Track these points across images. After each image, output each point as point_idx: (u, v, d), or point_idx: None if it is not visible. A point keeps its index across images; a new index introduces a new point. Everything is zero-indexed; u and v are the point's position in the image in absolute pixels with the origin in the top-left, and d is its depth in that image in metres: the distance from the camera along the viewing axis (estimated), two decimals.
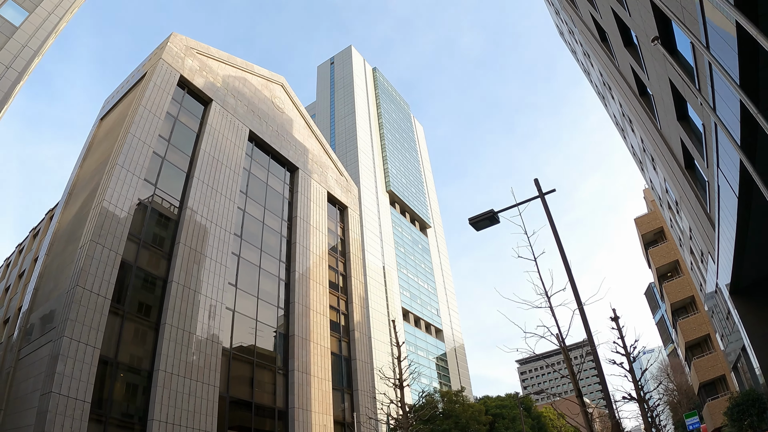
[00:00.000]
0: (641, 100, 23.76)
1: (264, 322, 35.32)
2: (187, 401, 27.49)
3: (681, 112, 17.24)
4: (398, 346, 25.60)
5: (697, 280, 35.94)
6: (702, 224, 22.19)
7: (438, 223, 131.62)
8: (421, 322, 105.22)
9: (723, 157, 12.91)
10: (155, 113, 32.58)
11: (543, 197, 13.49)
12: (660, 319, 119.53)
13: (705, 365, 44.09)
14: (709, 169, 16.02)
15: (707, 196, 18.68)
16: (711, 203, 18.17)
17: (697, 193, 20.47)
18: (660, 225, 48.46)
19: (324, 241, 44.31)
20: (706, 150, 15.33)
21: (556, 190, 13.67)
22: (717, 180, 14.75)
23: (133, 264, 28.58)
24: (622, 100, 28.98)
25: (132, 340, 27.42)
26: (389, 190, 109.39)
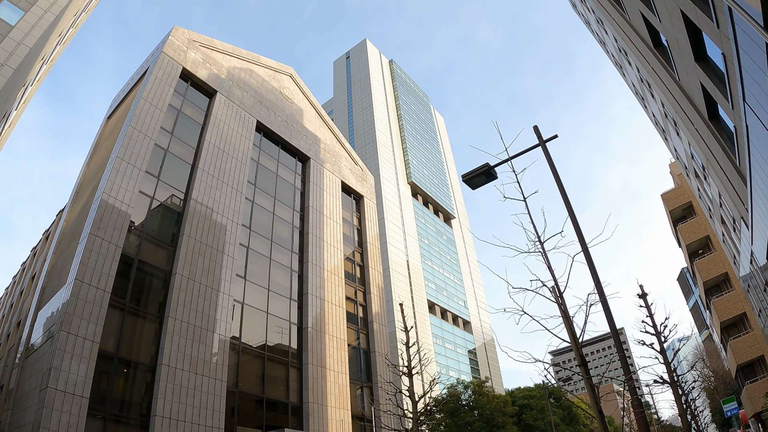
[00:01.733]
0: (656, 53, 22.06)
1: (276, 315, 34.16)
2: (192, 396, 26.54)
3: (698, 51, 15.59)
4: (406, 331, 24.23)
5: (729, 254, 33.79)
6: (732, 183, 20.38)
7: (462, 214, 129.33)
8: (447, 315, 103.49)
9: (748, 85, 11.32)
10: (156, 105, 31.85)
11: (544, 145, 11.99)
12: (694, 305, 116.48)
13: (742, 346, 41.70)
14: (734, 110, 14.40)
15: (735, 148, 16.97)
16: (740, 153, 16.45)
17: (725, 146, 18.71)
18: (688, 200, 46.14)
19: (338, 231, 43.06)
20: (729, 85, 13.68)
21: (558, 136, 12.15)
22: (744, 119, 13.10)
23: (135, 257, 27.74)
24: (638, 62, 27.36)
25: (134, 334, 26.60)
26: (411, 181, 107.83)
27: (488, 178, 12.13)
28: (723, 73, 13.98)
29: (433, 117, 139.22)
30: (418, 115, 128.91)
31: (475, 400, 42.91)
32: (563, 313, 9.12)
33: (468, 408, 42.60)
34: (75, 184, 35.26)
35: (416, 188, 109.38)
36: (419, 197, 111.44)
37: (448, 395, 44.11)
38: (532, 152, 10.97)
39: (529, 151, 12.07)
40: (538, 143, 11.95)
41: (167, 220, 30.64)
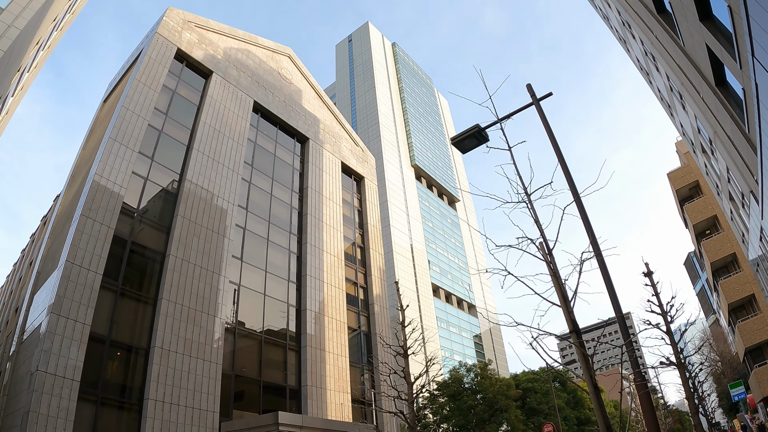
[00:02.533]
0: (660, 19, 21.19)
1: (273, 297, 33.61)
2: (186, 379, 26.08)
3: (703, 9, 14.78)
4: (402, 309, 23.59)
5: (738, 233, 32.91)
6: (741, 154, 19.54)
7: (467, 197, 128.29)
8: (452, 298, 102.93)
9: (757, 37, 10.53)
10: (150, 86, 31.24)
11: (538, 103, 11.24)
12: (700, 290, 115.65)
13: (750, 328, 40.88)
14: (743, 69, 13.58)
15: (744, 114, 16.14)
16: (749, 119, 15.61)
17: (732, 113, 17.85)
18: (695, 178, 45.15)
19: (338, 212, 42.37)
20: (736, 42, 12.87)
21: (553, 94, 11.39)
22: (754, 77, 12.30)
23: (128, 238, 27.22)
24: (642, 33, 26.49)
25: (126, 316, 26.14)
26: (414, 164, 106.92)
27: (479, 140, 11.43)
28: (729, 31, 13.22)
29: (437, 100, 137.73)
30: (421, 98, 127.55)
31: (478, 383, 42.35)
32: (552, 272, 8.38)
33: (471, 391, 42.01)
34: (71, 168, 34.86)
35: (420, 171, 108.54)
36: (423, 180, 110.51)
37: (450, 378, 43.55)
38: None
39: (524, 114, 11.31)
40: (532, 102, 11.22)
41: (161, 201, 30.12)
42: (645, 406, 8.28)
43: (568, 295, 8.36)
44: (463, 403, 40.95)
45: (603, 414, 7.74)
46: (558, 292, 8.41)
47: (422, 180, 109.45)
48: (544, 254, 8.55)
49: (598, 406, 7.86)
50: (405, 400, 20.94)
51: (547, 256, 8.52)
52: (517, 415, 42.71)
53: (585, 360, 8.05)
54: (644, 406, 8.29)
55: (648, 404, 8.21)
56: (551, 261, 8.52)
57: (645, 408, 8.31)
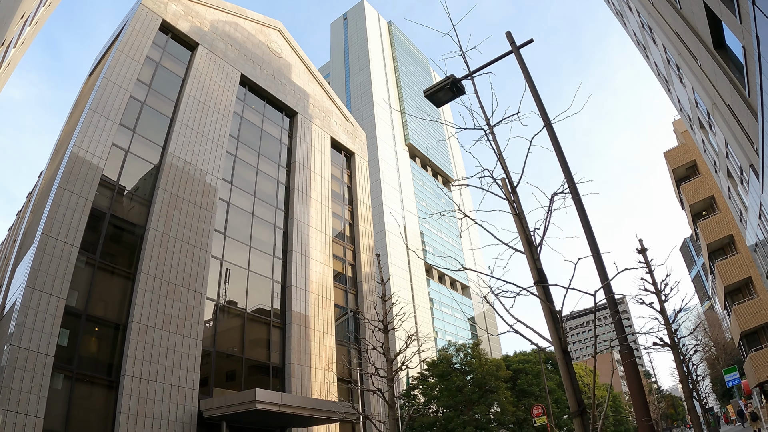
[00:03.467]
0: None
1: (257, 272, 32.77)
2: (164, 356, 25.32)
3: None
4: (383, 283, 22.80)
5: (736, 212, 32.12)
6: (741, 122, 18.68)
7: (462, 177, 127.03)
8: (445, 278, 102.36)
9: None
10: (133, 58, 30.21)
11: (518, 51, 10.30)
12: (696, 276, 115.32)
13: (746, 312, 40.23)
14: (743, 24, 12.68)
15: (745, 77, 15.24)
16: (750, 81, 14.72)
17: (732, 77, 16.95)
18: (692, 158, 44.23)
19: (327, 187, 41.41)
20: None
21: (534, 40, 10.47)
22: (755, 29, 11.38)
23: (107, 211, 26.32)
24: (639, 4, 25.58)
25: (104, 290, 25.30)
26: (408, 143, 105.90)
27: (454, 93, 10.55)
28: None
29: (433, 79, 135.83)
30: (417, 77, 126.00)
31: (467, 364, 41.62)
32: (515, 212, 7.43)
33: (460, 372, 41.29)
34: (54, 143, 34.05)
35: (414, 150, 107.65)
36: (417, 159, 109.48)
37: (440, 358, 42.86)
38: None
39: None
40: (511, 50, 10.29)
41: (142, 174, 29.22)
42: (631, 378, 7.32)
43: (533, 239, 7.41)
44: (451, 383, 40.30)
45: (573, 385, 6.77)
46: (521, 235, 7.46)
47: (416, 159, 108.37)
48: (507, 192, 7.59)
49: (567, 375, 6.81)
50: (384, 378, 20.17)
51: (510, 195, 7.56)
52: (507, 397, 42.08)
53: (553, 318, 7.01)
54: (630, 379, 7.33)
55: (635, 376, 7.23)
56: (515, 200, 7.56)
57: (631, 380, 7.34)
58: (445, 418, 40.54)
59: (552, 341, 6.99)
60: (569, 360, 6.97)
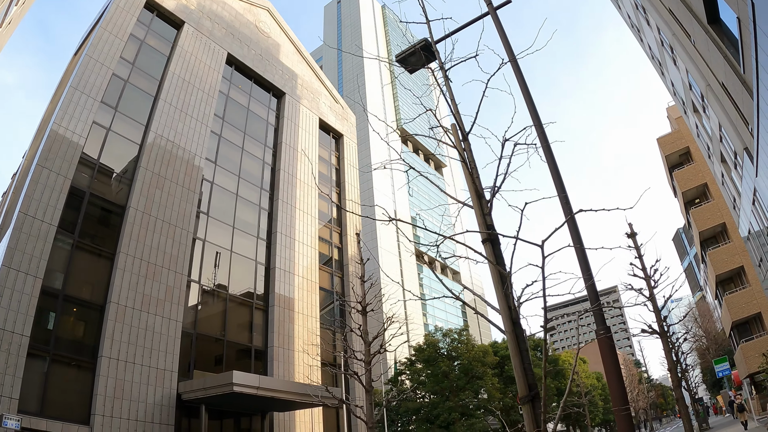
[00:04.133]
0: None
1: (240, 253, 32.13)
2: (143, 337, 24.76)
3: None
4: (362, 263, 22.21)
5: (729, 198, 31.61)
6: (735, 101, 18.10)
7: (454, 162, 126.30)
8: (436, 264, 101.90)
9: None
10: (117, 35, 29.42)
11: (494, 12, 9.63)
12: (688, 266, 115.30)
13: (738, 302, 39.79)
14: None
15: (739, 52, 14.65)
16: (745, 53, 14.11)
17: (726, 53, 16.35)
18: (686, 144, 43.64)
19: (314, 168, 40.70)
20: None
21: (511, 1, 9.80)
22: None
23: (86, 189, 25.62)
24: None
25: (82, 270, 24.72)
26: (401, 127, 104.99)
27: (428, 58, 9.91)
28: None
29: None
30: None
31: (453, 349, 41.02)
32: (463, 160, 6.68)
33: (446, 357, 40.72)
34: (38, 122, 33.33)
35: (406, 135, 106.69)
36: (409, 144, 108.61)
37: (426, 343, 42.31)
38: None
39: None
40: (488, 11, 9.62)
41: (124, 152, 28.48)
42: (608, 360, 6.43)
43: (482, 191, 6.65)
44: (438, 369, 39.83)
45: (524, 365, 5.72)
46: (470, 186, 6.68)
47: (408, 144, 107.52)
48: (456, 138, 6.88)
49: (517, 352, 5.78)
50: (362, 361, 19.62)
51: (460, 144, 6.83)
52: (493, 383, 41.66)
53: (501, 281, 6.02)
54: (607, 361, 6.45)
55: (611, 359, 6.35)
56: (465, 148, 6.81)
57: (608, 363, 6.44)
58: (431, 404, 40.12)
59: (500, 309, 6.04)
60: (521, 333, 5.93)
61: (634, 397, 76.45)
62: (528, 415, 5.51)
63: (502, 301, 6.02)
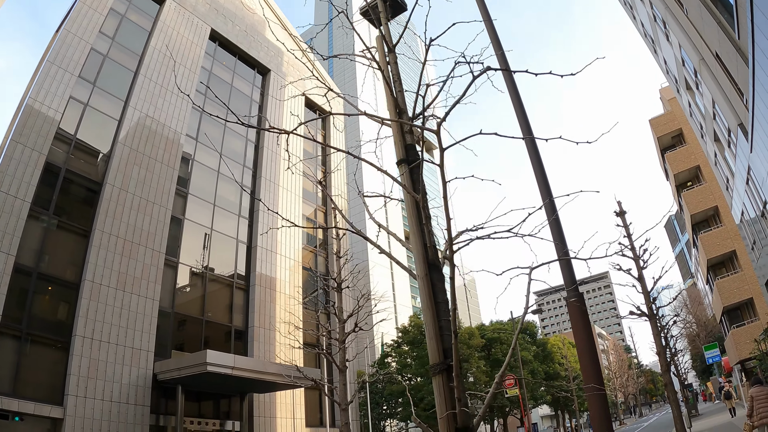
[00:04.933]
0: None
1: (221, 232, 31.41)
2: (118, 316, 24.15)
3: None
4: (338, 238, 21.52)
5: (722, 179, 31.01)
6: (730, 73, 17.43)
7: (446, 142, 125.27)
8: None
9: None
10: (96, 9, 28.56)
11: None
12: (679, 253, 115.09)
13: (730, 286, 39.24)
14: None
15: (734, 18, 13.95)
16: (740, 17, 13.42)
17: (721, 20, 15.66)
18: (678, 126, 42.95)
19: (299, 147, 39.80)
20: None
21: None
22: None
23: (62, 165, 24.87)
24: None
25: (57, 248, 24.14)
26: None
27: (395, 10, 8.99)
28: None
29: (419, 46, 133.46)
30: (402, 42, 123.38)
31: None
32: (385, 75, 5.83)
33: None
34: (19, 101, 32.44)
35: None
36: None
37: (410, 324, 41.65)
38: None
39: None
40: None
41: (102, 128, 27.58)
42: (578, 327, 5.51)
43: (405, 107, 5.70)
44: (422, 350, 39.25)
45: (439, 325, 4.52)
46: (389, 99, 5.68)
47: None
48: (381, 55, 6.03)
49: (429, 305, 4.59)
50: (336, 340, 18.97)
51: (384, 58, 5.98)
52: (479, 366, 41.15)
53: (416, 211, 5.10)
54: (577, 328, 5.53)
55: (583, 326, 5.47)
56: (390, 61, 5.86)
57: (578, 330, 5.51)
58: (415, 386, 39.56)
59: (414, 247, 4.92)
60: (440, 281, 4.75)
61: (624, 382, 76.43)
62: (439, 389, 4.27)
63: (416, 237, 4.94)
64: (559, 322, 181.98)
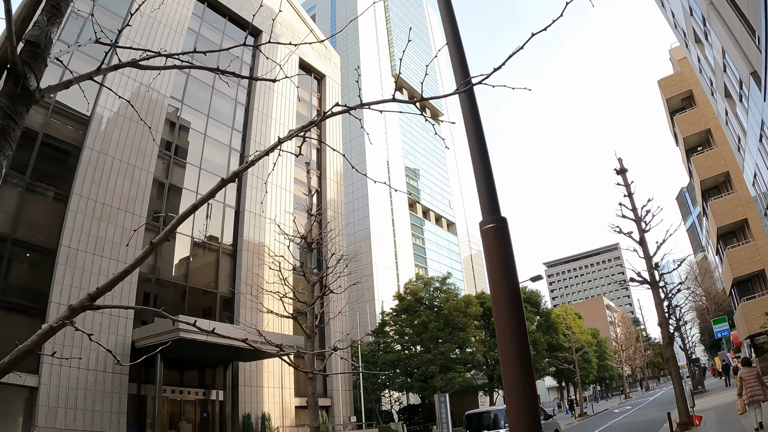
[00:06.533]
0: None
1: None
2: (96, 282, 23.29)
3: None
4: (311, 195, 20.37)
5: (734, 139, 29.36)
6: (741, 13, 15.99)
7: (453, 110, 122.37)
8: (430, 214, 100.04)
9: None
10: None
11: None
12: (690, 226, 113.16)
13: (740, 257, 37.56)
14: None
15: None
16: None
17: None
18: (688, 88, 41.04)
19: (291, 109, 38.37)
20: None
21: None
22: None
23: (39, 130, 23.88)
24: None
25: (33, 213, 23.39)
26: (395, 74, 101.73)
27: None
28: None
29: (425, 12, 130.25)
30: (407, 8, 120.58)
31: (433, 298, 38.94)
32: None
33: (428, 307, 38.82)
34: None
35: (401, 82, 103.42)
36: (404, 91, 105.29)
37: (406, 292, 40.44)
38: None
39: None
40: None
41: (81, 92, 26.32)
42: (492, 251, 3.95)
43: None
44: (417, 317, 38.09)
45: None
46: None
47: (404, 91, 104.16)
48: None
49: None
50: (305, 303, 17.85)
51: None
52: (477, 335, 40.03)
53: None
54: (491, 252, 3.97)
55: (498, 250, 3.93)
56: None
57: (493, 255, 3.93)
58: (408, 355, 38.52)
59: None
60: None
61: (631, 355, 75.26)
62: None
63: None
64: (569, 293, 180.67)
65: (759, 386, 13.78)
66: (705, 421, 18.89)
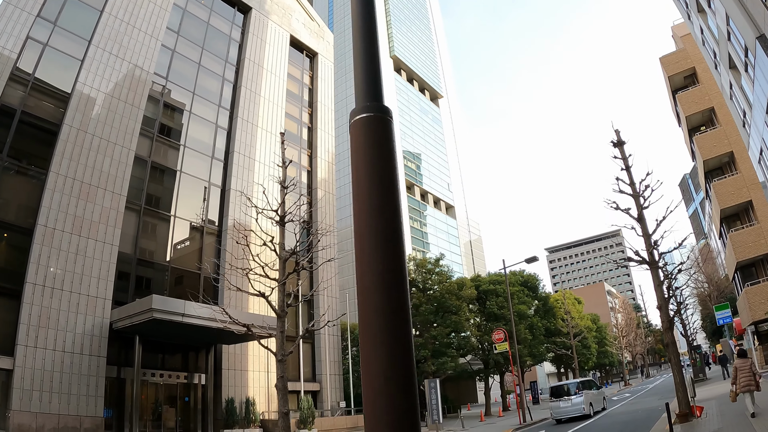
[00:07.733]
0: None
1: (191, 174, 29.53)
2: (73, 262, 22.73)
3: None
4: (283, 166, 19.53)
5: (738, 115, 28.24)
6: None
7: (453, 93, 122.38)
8: (428, 197, 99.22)
9: None
10: None
11: None
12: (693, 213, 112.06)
13: (744, 240, 36.42)
14: None
15: None
16: None
17: None
18: (691, 65, 39.85)
19: (281, 87, 37.33)
20: None
21: None
22: None
23: (18, 107, 23.25)
24: None
25: (10, 192, 22.84)
26: (393, 55, 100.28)
27: None
28: None
29: None
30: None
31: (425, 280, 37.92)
32: None
33: (419, 290, 37.84)
34: None
35: (400, 63, 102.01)
36: (403, 73, 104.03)
37: None
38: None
39: None
40: None
41: (62, 69, 25.73)
42: (358, 142, 2.89)
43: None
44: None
45: None
46: None
47: (402, 73, 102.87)
48: None
49: None
50: (275, 280, 17.03)
51: None
52: (472, 319, 39.19)
53: None
54: (357, 144, 2.91)
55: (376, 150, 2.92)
56: None
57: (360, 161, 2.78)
58: None
59: None
60: None
61: (631, 341, 74.49)
62: None
63: None
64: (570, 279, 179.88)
65: (751, 377, 14.83)
66: (707, 412, 17.84)
